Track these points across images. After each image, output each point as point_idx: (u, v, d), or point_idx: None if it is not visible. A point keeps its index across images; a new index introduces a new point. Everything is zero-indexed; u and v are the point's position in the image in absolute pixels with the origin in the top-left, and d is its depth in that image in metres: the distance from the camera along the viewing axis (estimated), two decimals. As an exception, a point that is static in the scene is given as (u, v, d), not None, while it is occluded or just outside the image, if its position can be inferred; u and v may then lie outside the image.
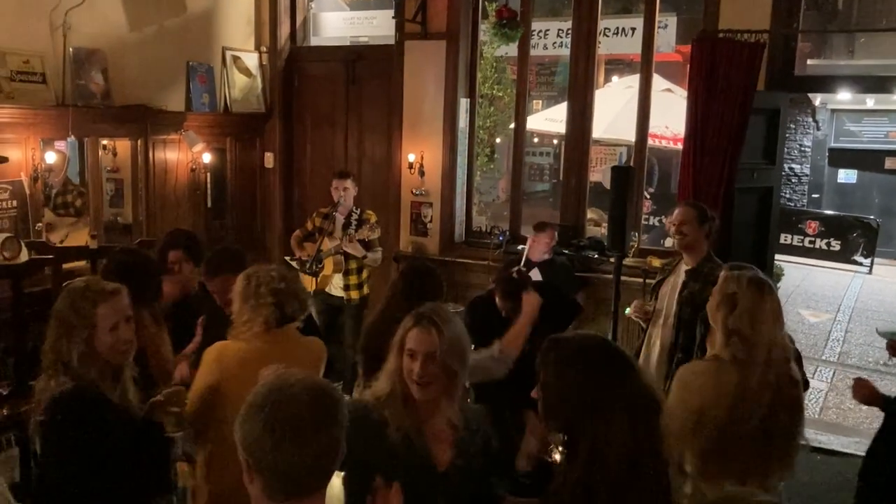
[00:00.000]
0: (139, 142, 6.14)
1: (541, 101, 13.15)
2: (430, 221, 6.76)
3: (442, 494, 2.22)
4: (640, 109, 6.14)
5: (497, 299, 3.92)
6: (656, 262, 5.83)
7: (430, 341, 2.20)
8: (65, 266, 4.68)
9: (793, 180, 14.39)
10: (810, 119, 14.66)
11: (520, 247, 5.98)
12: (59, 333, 2.42)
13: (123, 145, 6.23)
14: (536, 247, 5.46)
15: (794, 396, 2.65)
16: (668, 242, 7.24)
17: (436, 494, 2.21)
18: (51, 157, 5.42)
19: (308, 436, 1.45)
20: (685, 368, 2.80)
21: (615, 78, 11.95)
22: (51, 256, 4.32)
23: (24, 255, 5.03)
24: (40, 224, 5.43)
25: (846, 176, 15.57)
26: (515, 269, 4.04)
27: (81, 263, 5.28)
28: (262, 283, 2.88)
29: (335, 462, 1.52)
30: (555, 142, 14.30)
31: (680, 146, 6.01)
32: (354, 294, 5.76)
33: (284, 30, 7.31)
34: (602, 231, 7.44)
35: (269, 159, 7.37)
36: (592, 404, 1.85)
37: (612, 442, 1.82)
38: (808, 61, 12.37)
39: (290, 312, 2.90)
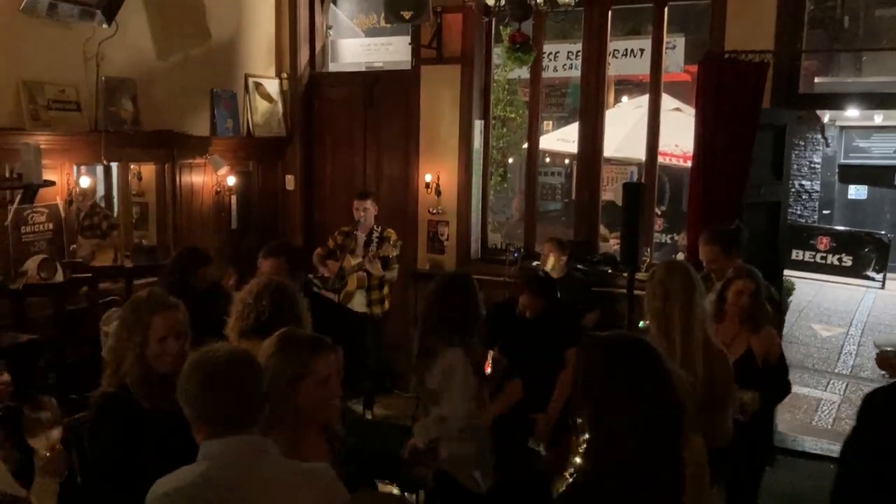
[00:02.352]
0: (166, 166, 6.34)
1: (551, 122, 13.33)
2: (447, 239, 6.94)
3: None
4: (650, 128, 6.30)
5: (523, 298, 4.13)
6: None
7: (336, 362, 2.37)
8: (101, 286, 4.88)
9: (803, 196, 14.46)
10: (819, 136, 14.75)
11: (534, 263, 6.15)
12: (121, 335, 2.62)
13: (148, 169, 6.43)
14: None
15: (726, 366, 2.97)
16: (679, 258, 7.39)
17: None
18: (85, 182, 5.65)
19: (227, 387, 1.96)
20: None
21: (625, 98, 12.16)
22: (90, 275, 4.53)
23: (59, 276, 5.25)
24: (74, 246, 5.63)
25: (856, 192, 15.66)
26: (542, 270, 4.28)
27: (108, 284, 5.50)
28: (243, 296, 3.01)
29: (255, 406, 2.00)
30: (566, 161, 14.47)
31: (689, 164, 6.17)
32: (377, 309, 5.98)
33: (304, 57, 7.54)
34: (613, 246, 7.60)
35: (290, 181, 7.57)
36: (614, 398, 1.88)
37: (626, 438, 1.84)
38: (816, 79, 12.53)
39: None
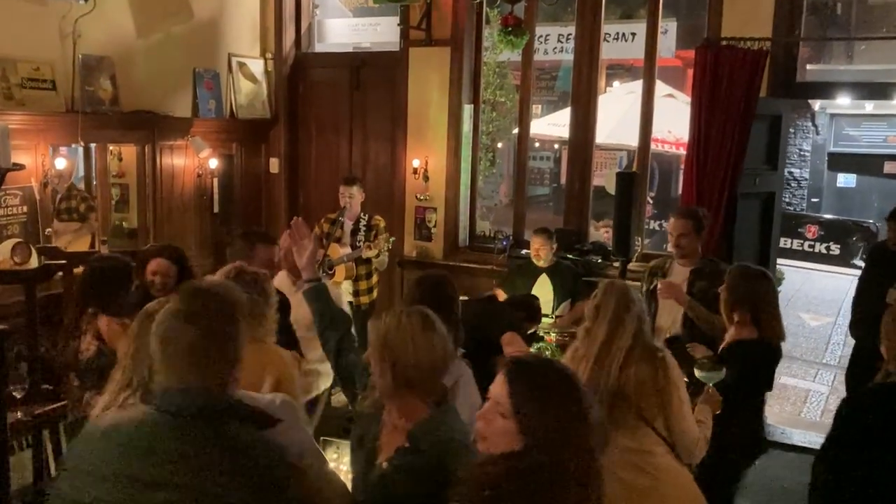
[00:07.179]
0: (146, 147, 6.17)
1: (540, 106, 13.20)
2: (435, 226, 6.80)
3: (372, 486, 2.24)
4: (643, 115, 6.17)
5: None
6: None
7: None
8: (74, 271, 4.71)
9: (792, 184, 14.44)
10: (810, 123, 14.72)
11: (523, 251, 6.01)
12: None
13: (129, 150, 6.26)
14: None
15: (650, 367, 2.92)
16: (671, 247, 7.29)
17: (368, 483, 2.27)
18: (60, 163, 5.47)
19: (178, 338, 1.89)
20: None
21: (616, 83, 12.03)
22: (64, 262, 4.37)
23: (34, 261, 5.07)
24: (49, 229, 5.47)
25: (845, 180, 15.65)
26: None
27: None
28: None
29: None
30: (556, 146, 14.37)
31: (681, 150, 6.06)
32: (365, 299, 5.87)
33: (289, 36, 7.35)
34: (603, 234, 7.50)
35: (275, 165, 7.41)
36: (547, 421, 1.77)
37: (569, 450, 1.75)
38: (808, 66, 12.42)
39: None
